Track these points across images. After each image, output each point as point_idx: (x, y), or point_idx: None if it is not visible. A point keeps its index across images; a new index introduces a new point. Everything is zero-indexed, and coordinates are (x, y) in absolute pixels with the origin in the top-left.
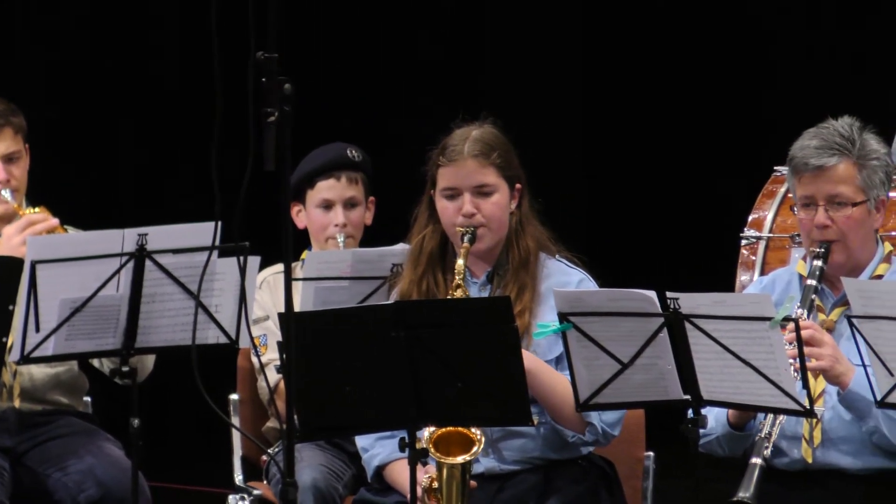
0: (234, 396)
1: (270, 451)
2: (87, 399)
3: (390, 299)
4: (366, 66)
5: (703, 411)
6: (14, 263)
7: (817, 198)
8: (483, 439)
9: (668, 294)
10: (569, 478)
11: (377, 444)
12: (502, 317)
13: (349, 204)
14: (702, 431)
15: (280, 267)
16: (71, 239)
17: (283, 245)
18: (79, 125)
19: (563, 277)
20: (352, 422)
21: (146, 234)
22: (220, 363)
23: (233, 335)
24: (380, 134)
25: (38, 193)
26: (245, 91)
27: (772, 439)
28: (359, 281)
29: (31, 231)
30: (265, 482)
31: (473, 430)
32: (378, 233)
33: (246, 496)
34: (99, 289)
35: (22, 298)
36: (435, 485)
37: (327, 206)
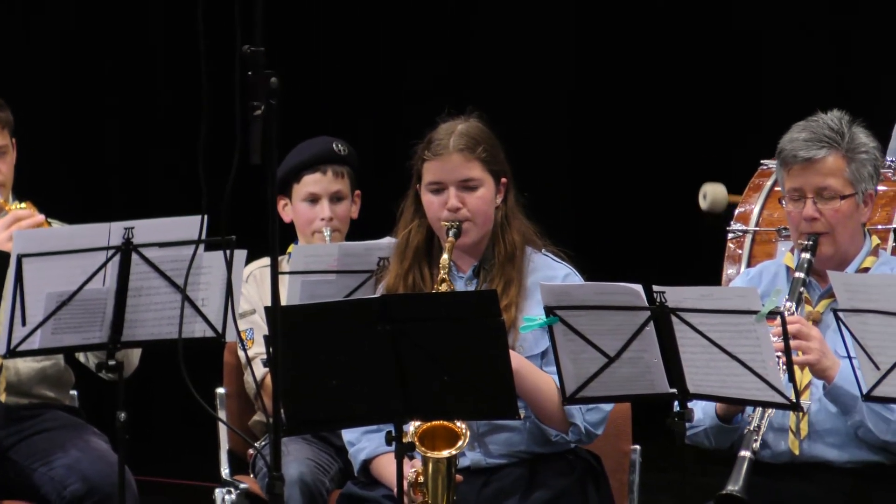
0: (220, 390)
1: (257, 444)
2: (74, 393)
3: (377, 293)
4: (352, 60)
5: (690, 404)
6: (0, 257)
7: (806, 190)
8: (468, 433)
9: (655, 288)
10: (555, 471)
11: (364, 438)
12: (489, 310)
13: (335, 198)
14: (689, 423)
15: (266, 261)
16: (57, 233)
17: (270, 239)
18: (65, 119)
19: (549, 272)
20: (338, 415)
21: (132, 228)
22: (206, 357)
23: (219, 329)
24: (366, 127)
25: (24, 187)
26: (231, 85)
27: (760, 432)
28: (345, 275)
29: (16, 227)
30: (252, 476)
31: (458, 424)
32: (364, 227)
33: (232, 490)
34: (85, 282)
35: (8, 292)
36: (420, 479)
37: (313, 199)
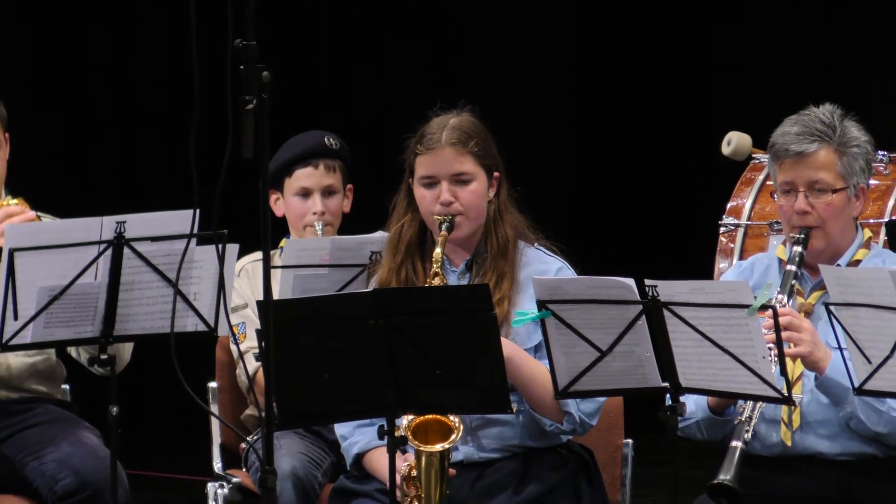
0: (212, 384)
1: (249, 438)
2: (66, 387)
3: (369, 287)
4: (344, 54)
5: (682, 397)
6: None
7: (797, 184)
8: (461, 427)
9: (647, 281)
10: (547, 465)
11: (356, 432)
12: (481, 304)
13: (327, 192)
14: (681, 416)
15: (259, 255)
16: (49, 227)
17: (262, 233)
18: (57, 114)
19: (542, 265)
20: (331, 410)
21: (124, 222)
22: (198, 351)
23: (211, 323)
24: (358, 121)
25: (16, 181)
26: (223, 79)
27: (752, 423)
28: (338, 269)
29: (8, 224)
30: (244, 470)
31: (451, 417)
32: (356, 221)
33: (225, 484)
34: (77, 276)
35: (0, 287)
36: (413, 473)
37: (305, 194)
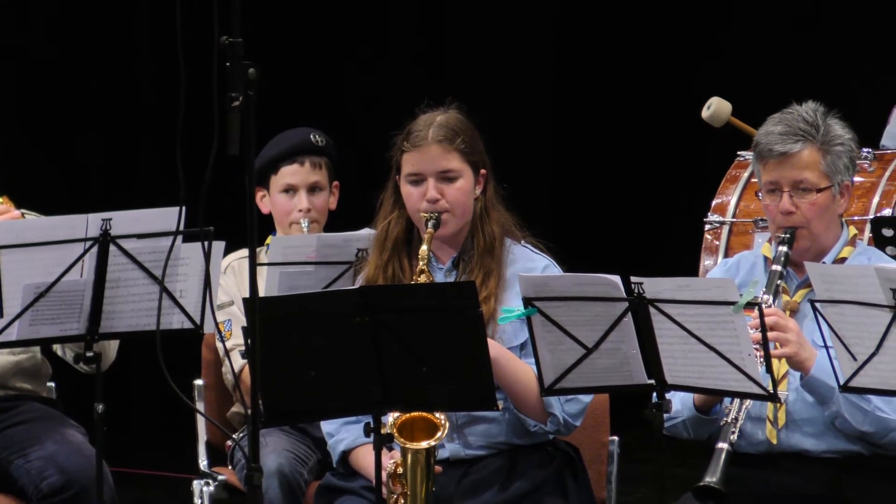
0: (198, 382)
1: (235, 436)
2: (51, 385)
3: (356, 284)
4: (330, 51)
5: (668, 395)
6: None
7: (782, 184)
8: (447, 424)
9: (633, 279)
10: (533, 462)
11: (342, 429)
12: (468, 302)
13: (313, 189)
14: (667, 415)
15: (245, 252)
16: (35, 224)
17: (248, 230)
18: (42, 111)
19: (529, 263)
20: (317, 407)
21: (110, 219)
22: (184, 348)
23: (197, 320)
24: (345, 118)
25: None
26: (209, 76)
27: (738, 424)
28: (324, 266)
29: None
30: (230, 467)
31: (437, 415)
32: (343, 218)
33: (210, 481)
34: (63, 274)
35: None
36: (399, 470)
37: (291, 191)
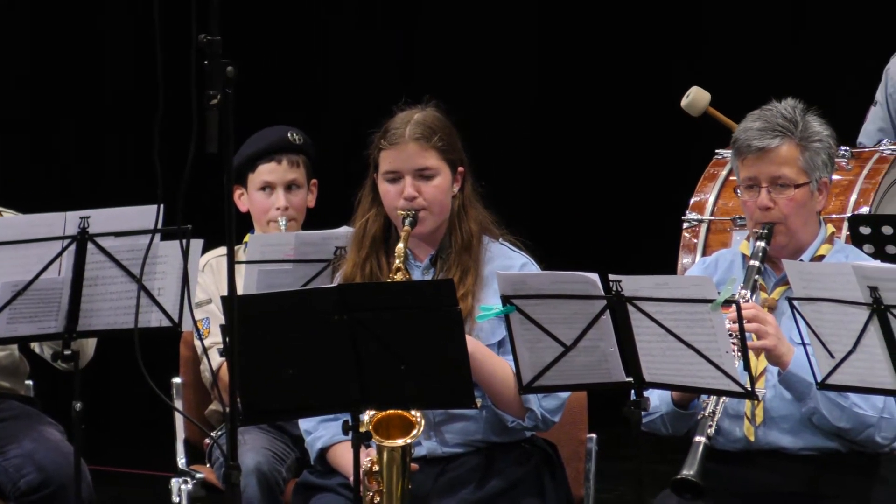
0: (176, 380)
1: (213, 434)
2: (29, 383)
3: (334, 282)
4: (309, 49)
5: (646, 392)
6: None
7: (760, 179)
8: (423, 422)
9: (611, 276)
10: (511, 460)
11: (320, 427)
12: (446, 300)
13: (290, 187)
14: (645, 411)
15: (223, 250)
16: (12, 222)
17: (227, 228)
18: (20, 109)
19: (506, 261)
20: (295, 405)
21: (88, 217)
22: (162, 347)
23: (175, 318)
24: (323, 116)
25: None
26: (188, 74)
27: (715, 418)
28: (302, 264)
29: None
30: (208, 465)
31: (413, 412)
32: (322, 216)
33: (189, 479)
34: (41, 272)
35: None
36: (375, 468)
37: (268, 189)
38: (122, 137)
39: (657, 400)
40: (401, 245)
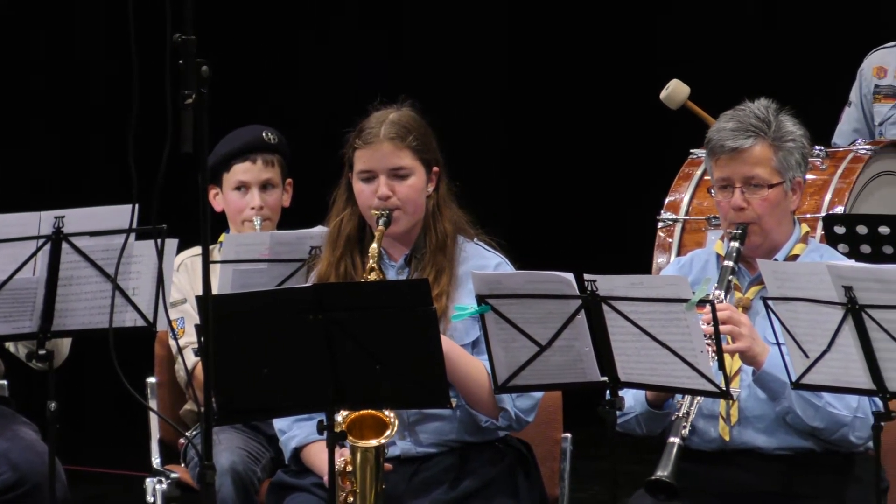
0: (151, 380)
1: (188, 434)
2: (4, 382)
3: (309, 282)
4: (283, 49)
5: (621, 392)
6: None
7: (734, 180)
8: (396, 422)
9: (586, 276)
10: (484, 460)
11: (295, 426)
12: (420, 299)
13: (265, 186)
14: (620, 411)
15: (198, 250)
16: None
17: (201, 228)
18: None
19: (481, 261)
20: (270, 404)
21: (63, 217)
22: (137, 346)
23: (150, 318)
24: (298, 115)
25: None
26: (162, 73)
27: (689, 419)
28: (277, 263)
29: None
30: (183, 465)
31: (386, 412)
32: (297, 215)
33: (164, 479)
34: (15, 272)
35: None
36: (349, 468)
37: (243, 188)
38: (97, 137)
39: (632, 400)
40: (374, 245)
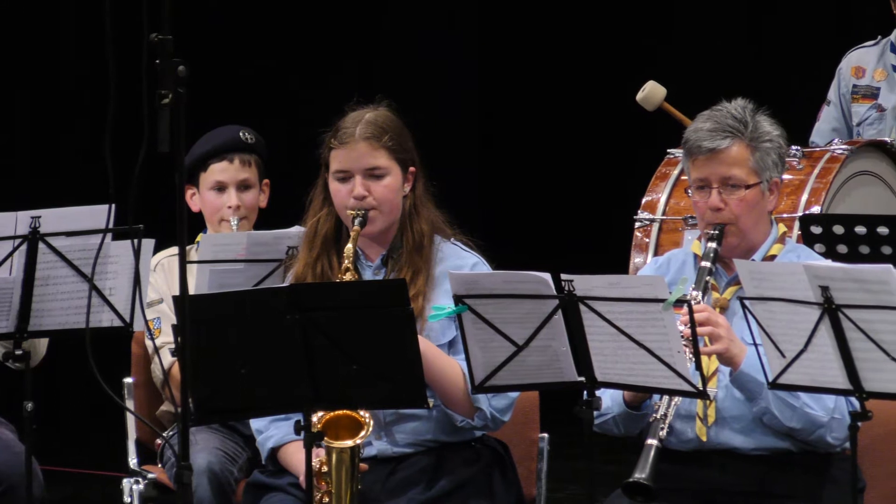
0: (128, 380)
1: (165, 434)
2: None
3: (285, 282)
4: (261, 49)
5: (598, 392)
6: None
7: (711, 180)
8: (371, 423)
9: (563, 276)
10: (461, 460)
11: (271, 427)
12: (397, 299)
13: (242, 186)
14: (598, 411)
15: (174, 250)
16: None
17: (178, 228)
18: None
19: (458, 261)
20: (247, 405)
21: (39, 217)
22: (114, 347)
23: (127, 318)
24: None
25: None
26: (139, 73)
27: (667, 420)
28: (254, 263)
29: None
30: (160, 466)
31: (362, 413)
32: (274, 216)
33: (140, 480)
34: None
35: None
36: (324, 469)
37: (220, 188)
38: (74, 137)
39: (609, 401)
40: (350, 245)
